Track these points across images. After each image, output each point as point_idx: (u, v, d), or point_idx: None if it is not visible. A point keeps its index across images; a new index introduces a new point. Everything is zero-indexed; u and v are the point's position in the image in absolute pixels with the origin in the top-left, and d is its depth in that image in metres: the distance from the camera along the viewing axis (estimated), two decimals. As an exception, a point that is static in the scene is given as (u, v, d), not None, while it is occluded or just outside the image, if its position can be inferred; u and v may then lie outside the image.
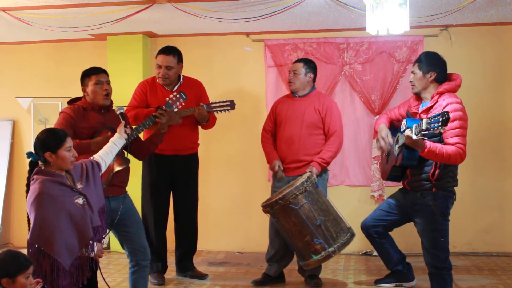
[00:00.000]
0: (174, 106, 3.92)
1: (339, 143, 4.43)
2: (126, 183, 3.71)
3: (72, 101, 3.74)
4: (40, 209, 2.81)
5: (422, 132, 3.46)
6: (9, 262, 2.56)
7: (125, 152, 3.62)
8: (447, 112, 3.34)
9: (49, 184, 2.86)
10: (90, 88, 3.65)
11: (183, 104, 3.97)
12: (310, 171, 4.25)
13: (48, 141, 2.94)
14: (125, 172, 3.68)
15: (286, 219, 4.02)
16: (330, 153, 4.37)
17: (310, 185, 4.01)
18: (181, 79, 4.61)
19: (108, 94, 3.66)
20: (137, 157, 3.97)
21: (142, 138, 3.99)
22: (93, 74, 3.66)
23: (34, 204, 2.82)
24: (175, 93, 3.95)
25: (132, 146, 3.75)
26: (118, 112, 3.63)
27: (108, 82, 3.69)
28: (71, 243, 2.86)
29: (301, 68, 4.44)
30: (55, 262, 2.80)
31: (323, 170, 4.41)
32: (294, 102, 4.50)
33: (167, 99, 3.94)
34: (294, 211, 3.96)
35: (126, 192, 3.70)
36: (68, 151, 2.95)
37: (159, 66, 4.48)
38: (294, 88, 4.49)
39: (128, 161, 3.65)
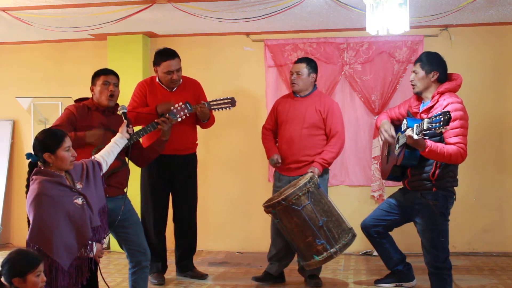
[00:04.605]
0: (178, 116, 3.93)
1: (341, 144, 4.42)
2: (125, 185, 3.69)
3: (79, 100, 3.77)
4: (38, 209, 2.81)
5: (423, 132, 3.46)
6: (18, 261, 2.58)
7: (126, 154, 3.62)
8: (449, 112, 3.34)
9: (48, 185, 2.86)
10: (97, 88, 3.69)
11: (187, 115, 3.98)
12: (311, 172, 4.24)
13: (46, 141, 2.94)
14: (125, 174, 3.67)
15: (288, 219, 4.01)
16: (332, 154, 4.36)
17: (312, 186, 4.00)
18: (180, 80, 4.61)
19: (112, 96, 3.67)
20: (137, 163, 3.96)
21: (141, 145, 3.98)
22: (102, 74, 3.71)
23: (33, 205, 2.82)
24: (181, 103, 3.95)
25: (133, 152, 3.76)
26: (120, 112, 3.63)
27: (116, 85, 3.72)
28: (70, 243, 2.86)
29: (304, 69, 4.43)
30: (54, 263, 2.80)
31: (324, 170, 4.41)
32: (295, 102, 4.49)
33: (172, 108, 3.94)
34: (297, 212, 3.95)
35: (125, 193, 3.69)
36: (67, 151, 2.95)
37: (170, 72, 4.41)
38: (297, 89, 4.46)
39: (125, 163, 3.65)
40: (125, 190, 3.68)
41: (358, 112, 5.68)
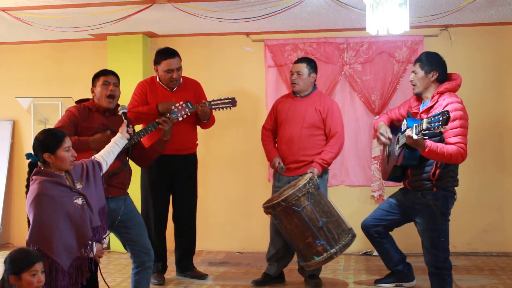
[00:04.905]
0: (179, 115, 3.93)
1: (341, 144, 4.42)
2: (127, 185, 3.69)
3: (80, 101, 3.77)
4: (38, 209, 2.80)
5: (423, 132, 3.45)
6: (14, 259, 2.60)
7: (127, 155, 3.62)
8: (448, 111, 3.34)
9: (48, 185, 2.86)
10: (97, 89, 3.69)
11: (188, 114, 3.99)
12: (311, 172, 4.24)
13: (46, 141, 2.94)
14: (126, 174, 3.67)
15: (288, 220, 4.00)
16: (331, 154, 4.36)
17: (312, 186, 3.99)
18: (181, 79, 4.61)
19: (112, 96, 3.66)
20: (139, 163, 3.96)
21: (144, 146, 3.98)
22: (102, 75, 3.71)
23: (33, 205, 2.82)
24: (181, 102, 3.96)
25: (134, 152, 3.75)
26: (120, 112, 3.63)
27: (116, 85, 3.71)
28: (69, 243, 2.85)
29: (304, 69, 4.42)
30: (54, 263, 2.80)
31: (324, 171, 4.41)
32: (295, 102, 4.49)
33: (173, 107, 3.94)
34: (296, 213, 3.94)
35: (127, 193, 3.68)
36: (66, 151, 2.95)
37: (170, 71, 4.43)
38: (298, 90, 4.45)
39: (126, 163, 3.65)
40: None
41: (358, 112, 5.68)
